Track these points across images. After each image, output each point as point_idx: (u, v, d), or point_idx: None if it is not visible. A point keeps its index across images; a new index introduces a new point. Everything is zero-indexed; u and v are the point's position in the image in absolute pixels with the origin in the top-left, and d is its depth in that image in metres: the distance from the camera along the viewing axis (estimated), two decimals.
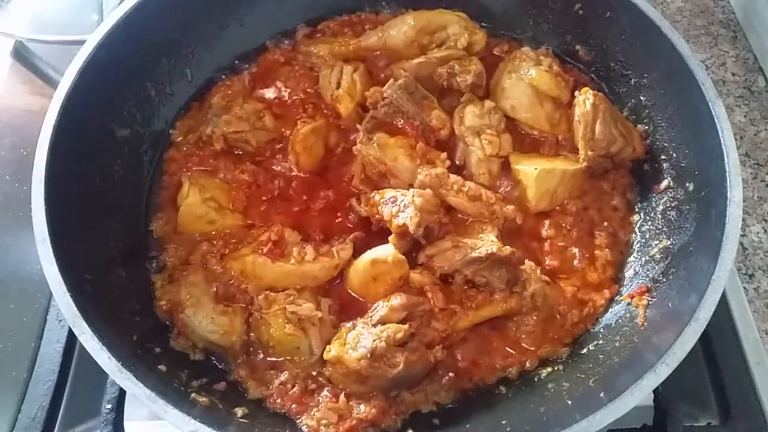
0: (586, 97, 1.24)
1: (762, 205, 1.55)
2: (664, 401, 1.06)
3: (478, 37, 1.37)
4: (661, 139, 1.25)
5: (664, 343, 0.93)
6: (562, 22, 1.39)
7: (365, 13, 1.49)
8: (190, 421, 0.86)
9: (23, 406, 1.19)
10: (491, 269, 1.12)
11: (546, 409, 1.00)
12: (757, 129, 1.69)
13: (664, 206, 1.20)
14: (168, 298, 1.11)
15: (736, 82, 1.79)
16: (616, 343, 1.08)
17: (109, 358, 0.89)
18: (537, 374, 1.10)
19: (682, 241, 1.12)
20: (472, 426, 1.02)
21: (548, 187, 1.23)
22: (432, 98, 1.30)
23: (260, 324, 1.07)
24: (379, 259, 1.08)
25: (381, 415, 1.01)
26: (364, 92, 1.30)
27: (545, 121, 1.31)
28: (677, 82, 1.18)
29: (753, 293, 1.41)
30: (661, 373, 0.89)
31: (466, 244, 1.12)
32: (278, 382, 1.06)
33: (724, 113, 1.08)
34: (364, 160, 1.22)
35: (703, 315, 0.93)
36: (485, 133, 1.25)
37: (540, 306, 1.13)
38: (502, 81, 1.33)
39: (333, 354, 1.02)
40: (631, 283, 1.18)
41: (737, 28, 1.89)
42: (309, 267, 1.12)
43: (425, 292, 1.10)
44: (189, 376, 1.02)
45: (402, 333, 1.01)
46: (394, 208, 1.12)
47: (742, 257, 1.47)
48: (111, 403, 1.03)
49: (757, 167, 1.62)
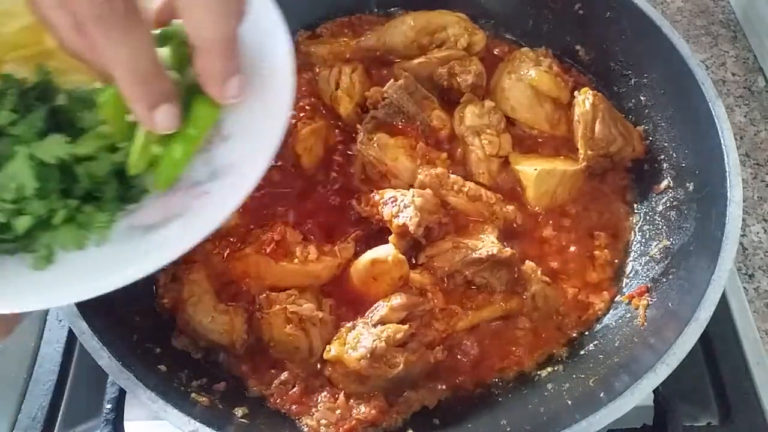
0: (586, 97, 1.25)
1: (762, 205, 1.55)
2: (664, 401, 1.06)
3: (478, 37, 1.37)
4: (661, 139, 1.25)
5: (664, 343, 0.93)
6: (562, 22, 1.39)
7: (365, 14, 1.50)
8: (190, 421, 0.86)
9: (23, 406, 1.19)
10: (491, 270, 1.12)
11: (546, 409, 1.00)
12: (757, 129, 1.69)
13: (664, 206, 1.20)
14: (170, 295, 1.11)
15: (736, 82, 1.79)
16: (616, 343, 1.08)
17: (109, 358, 0.89)
18: (537, 374, 1.10)
19: (682, 241, 1.12)
20: (472, 426, 1.02)
21: (548, 187, 1.23)
22: (432, 98, 1.30)
23: (261, 324, 1.07)
24: (379, 259, 1.09)
25: (381, 416, 1.01)
26: (363, 93, 1.30)
27: (545, 121, 1.31)
28: (677, 82, 1.18)
29: (753, 293, 1.41)
30: (661, 373, 0.89)
31: (466, 244, 1.12)
32: (278, 381, 1.06)
33: (724, 113, 1.08)
34: (364, 160, 1.22)
35: (703, 315, 0.93)
36: (485, 133, 1.25)
37: (540, 306, 1.13)
38: (501, 81, 1.33)
39: (333, 354, 1.02)
40: (631, 283, 1.18)
41: (737, 28, 1.89)
42: (312, 266, 1.12)
43: (425, 292, 1.10)
44: (189, 376, 1.02)
45: (402, 333, 1.02)
46: (394, 208, 1.12)
47: (742, 257, 1.47)
48: (111, 403, 1.02)
49: (757, 167, 1.62)
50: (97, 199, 0.69)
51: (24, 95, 0.69)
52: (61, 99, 0.71)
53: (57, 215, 0.66)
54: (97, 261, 0.66)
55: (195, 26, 0.59)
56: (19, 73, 0.72)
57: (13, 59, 0.75)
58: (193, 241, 0.65)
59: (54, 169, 0.66)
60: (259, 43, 0.72)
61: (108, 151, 0.69)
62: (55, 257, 0.67)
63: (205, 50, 0.61)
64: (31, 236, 0.67)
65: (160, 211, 0.69)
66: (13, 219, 0.65)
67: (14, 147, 0.66)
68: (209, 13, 0.58)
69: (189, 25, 0.59)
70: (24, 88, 0.70)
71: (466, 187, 1.17)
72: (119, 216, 0.69)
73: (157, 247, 0.66)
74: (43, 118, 0.67)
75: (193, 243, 0.65)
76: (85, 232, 0.67)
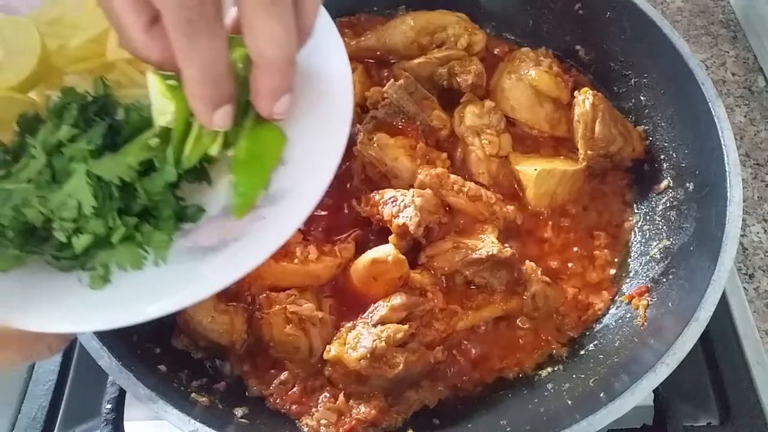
0: (585, 97, 1.25)
1: (762, 205, 1.55)
2: (664, 401, 1.06)
3: (478, 37, 1.37)
4: (661, 139, 1.25)
5: (664, 343, 0.93)
6: (562, 22, 1.39)
7: (365, 14, 1.50)
8: (190, 421, 0.86)
9: (23, 406, 1.19)
10: (492, 270, 1.12)
11: (546, 409, 1.00)
12: (757, 129, 1.69)
13: (664, 206, 1.20)
14: None
15: (736, 82, 1.79)
16: (616, 343, 1.08)
17: (109, 358, 0.90)
18: (537, 374, 1.10)
19: (682, 241, 1.12)
20: (473, 426, 1.02)
21: (548, 187, 1.23)
22: (432, 98, 1.30)
23: (261, 324, 1.07)
24: (379, 259, 1.08)
25: (381, 416, 1.01)
26: (363, 93, 1.30)
27: (545, 121, 1.31)
28: (677, 82, 1.18)
29: (753, 293, 1.41)
30: (661, 373, 0.89)
31: (466, 244, 1.12)
32: (278, 381, 1.06)
33: (724, 113, 1.08)
34: (364, 160, 1.22)
35: (703, 315, 0.93)
36: (485, 133, 1.25)
37: (540, 306, 1.13)
38: (501, 81, 1.33)
39: (333, 354, 1.02)
40: (631, 283, 1.18)
41: (737, 28, 1.89)
42: (313, 266, 1.11)
43: (425, 292, 1.10)
44: (189, 376, 1.02)
45: (402, 333, 1.02)
46: (394, 208, 1.12)
47: (742, 257, 1.47)
48: (111, 403, 1.03)
49: (757, 167, 1.62)
50: (155, 217, 0.68)
51: (84, 110, 0.69)
52: (120, 113, 0.71)
53: (115, 234, 0.65)
54: (153, 282, 0.64)
55: (257, 46, 0.60)
56: (80, 86, 0.71)
57: (74, 71, 0.76)
58: (250, 266, 0.64)
59: (113, 186, 0.65)
60: (319, 68, 0.71)
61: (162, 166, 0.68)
62: (112, 277, 0.65)
63: (263, 69, 0.61)
64: (88, 254, 0.66)
65: (217, 234, 0.67)
66: (72, 237, 0.64)
67: (72, 164, 0.65)
68: (272, 36, 0.58)
69: (251, 44, 0.60)
70: (84, 102, 0.69)
71: (466, 187, 1.17)
72: (177, 236, 0.68)
73: (214, 271, 0.64)
74: (102, 134, 0.67)
75: (249, 268, 0.64)
76: (143, 251, 0.66)
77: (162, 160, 0.67)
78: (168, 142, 0.67)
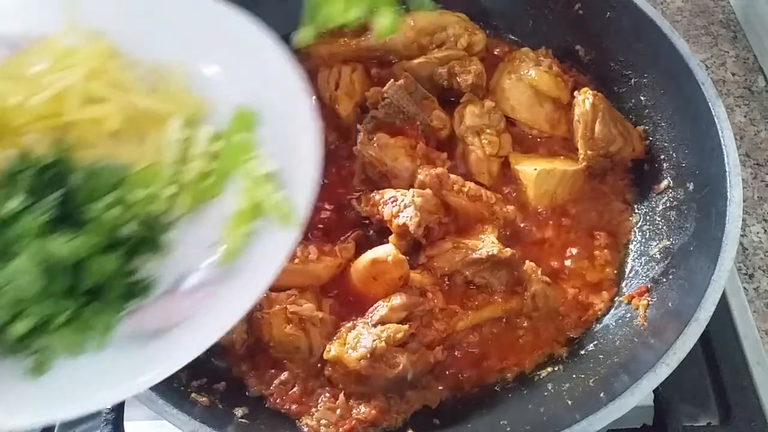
0: (585, 97, 1.25)
1: (762, 205, 1.55)
2: (664, 401, 1.06)
3: (478, 37, 1.37)
4: (661, 139, 1.25)
5: (664, 343, 0.93)
6: (562, 22, 1.39)
7: None
8: (190, 421, 0.86)
9: None
10: (492, 270, 1.12)
11: (546, 409, 1.00)
12: (757, 129, 1.69)
13: (664, 206, 1.20)
14: None
15: (736, 82, 1.78)
16: (616, 343, 1.08)
17: None
18: (537, 374, 1.10)
19: (682, 241, 1.12)
20: (472, 426, 1.02)
21: (548, 187, 1.23)
22: (432, 98, 1.30)
23: (261, 323, 1.07)
24: (379, 259, 1.08)
25: (381, 416, 1.01)
26: (363, 93, 1.30)
27: (545, 121, 1.31)
28: (677, 82, 1.18)
29: (753, 293, 1.41)
30: (661, 373, 0.89)
31: (466, 245, 1.12)
32: (278, 381, 1.06)
33: (724, 113, 1.08)
34: (364, 160, 1.22)
35: (703, 315, 0.93)
36: (485, 133, 1.25)
37: (540, 306, 1.13)
38: (501, 81, 1.33)
39: (333, 354, 1.02)
40: (631, 283, 1.18)
41: (737, 28, 1.89)
42: (313, 266, 1.11)
43: (425, 292, 1.10)
44: (189, 376, 1.02)
45: (402, 333, 1.02)
46: (394, 208, 1.12)
47: (742, 257, 1.46)
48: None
49: (757, 167, 1.62)
50: (100, 297, 0.63)
51: (40, 175, 0.65)
52: (77, 177, 0.67)
53: (58, 317, 0.60)
54: (94, 371, 0.60)
55: None
56: (38, 145, 0.69)
57: (34, 130, 0.72)
58: (198, 349, 0.60)
59: (62, 267, 0.60)
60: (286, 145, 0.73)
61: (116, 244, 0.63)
62: (50, 365, 0.60)
63: None
64: (25, 339, 0.60)
65: (162, 316, 0.64)
66: (10, 323, 0.59)
67: (22, 241, 0.59)
68: None
69: None
70: (40, 166, 0.65)
71: (466, 187, 1.17)
72: (120, 320, 0.64)
73: (159, 356, 0.61)
74: (56, 204, 0.62)
75: (198, 351, 0.60)
76: (84, 336, 0.61)
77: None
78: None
